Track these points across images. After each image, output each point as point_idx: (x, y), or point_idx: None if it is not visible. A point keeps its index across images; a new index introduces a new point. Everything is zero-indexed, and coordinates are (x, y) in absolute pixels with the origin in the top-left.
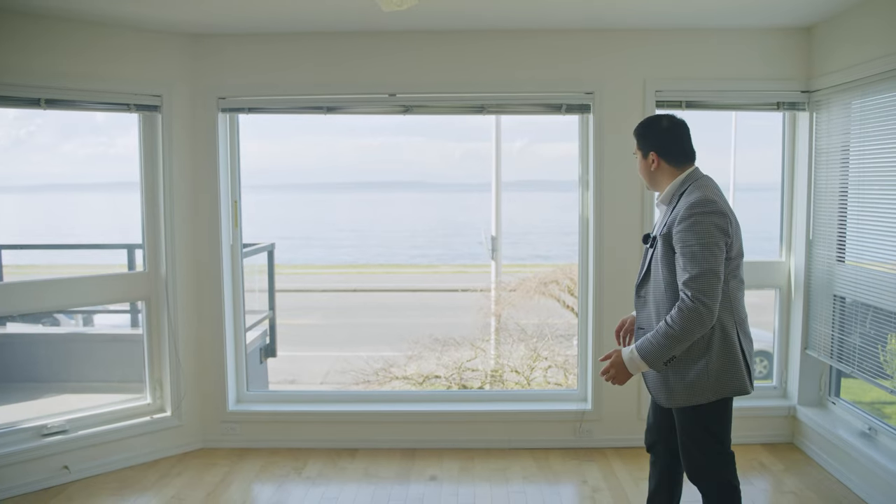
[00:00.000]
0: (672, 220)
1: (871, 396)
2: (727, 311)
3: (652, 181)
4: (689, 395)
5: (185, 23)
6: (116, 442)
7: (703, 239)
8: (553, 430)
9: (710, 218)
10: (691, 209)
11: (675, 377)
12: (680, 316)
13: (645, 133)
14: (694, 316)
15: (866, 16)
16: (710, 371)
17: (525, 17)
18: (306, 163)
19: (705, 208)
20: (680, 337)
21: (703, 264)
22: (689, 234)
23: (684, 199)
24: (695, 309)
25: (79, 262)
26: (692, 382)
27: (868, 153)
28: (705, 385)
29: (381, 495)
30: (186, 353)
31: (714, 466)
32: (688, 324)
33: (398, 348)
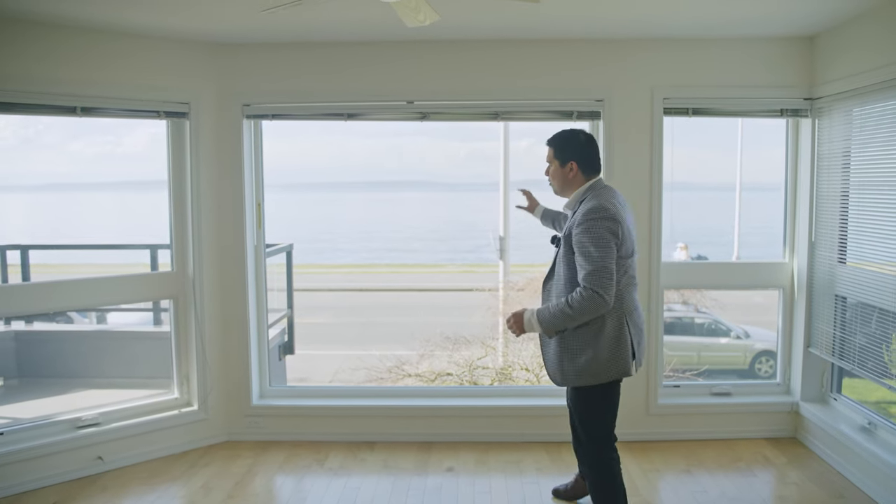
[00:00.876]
0: (572, 225)
1: (877, 396)
2: (617, 304)
3: (563, 187)
4: (578, 377)
5: (212, 33)
6: (147, 434)
7: (596, 241)
8: (565, 424)
9: (602, 223)
10: (587, 215)
11: (567, 362)
12: (578, 301)
13: (565, 145)
14: (589, 303)
15: (867, 26)
16: (598, 358)
17: (538, 27)
18: (314, 163)
19: (598, 214)
20: (573, 317)
21: (598, 262)
22: (585, 236)
23: (583, 206)
24: (591, 298)
25: (87, 262)
26: (582, 367)
27: (868, 159)
28: (594, 370)
29: (401, 486)
30: (212, 350)
31: (596, 443)
32: (583, 308)
33: (409, 347)
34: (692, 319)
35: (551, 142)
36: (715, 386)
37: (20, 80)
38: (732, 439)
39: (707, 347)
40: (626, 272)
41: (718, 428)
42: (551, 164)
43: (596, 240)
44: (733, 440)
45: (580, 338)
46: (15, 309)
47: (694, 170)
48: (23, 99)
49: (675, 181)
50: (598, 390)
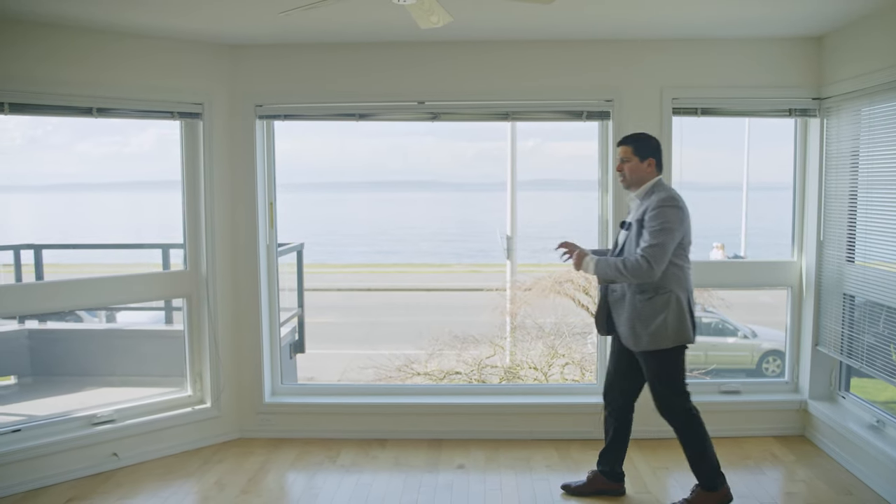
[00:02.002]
0: (645, 209)
1: (886, 395)
2: (680, 284)
3: (637, 180)
4: (651, 341)
5: (225, 34)
6: (160, 431)
7: (665, 224)
8: (573, 422)
9: (673, 211)
10: (663, 202)
11: (641, 328)
12: (633, 264)
13: (644, 144)
14: (640, 269)
15: (874, 27)
16: (666, 326)
17: (548, 28)
18: (322, 163)
19: (672, 203)
20: (623, 275)
21: (659, 239)
22: (657, 219)
23: (655, 196)
24: (644, 265)
25: (97, 262)
26: (653, 332)
27: (876, 158)
28: (662, 335)
29: (413, 482)
30: (224, 348)
31: (677, 398)
32: (633, 271)
33: (417, 345)
34: (699, 319)
35: (629, 141)
36: (724, 384)
37: (34, 81)
38: (741, 437)
39: (714, 347)
40: (686, 258)
41: (727, 426)
42: (629, 161)
43: (665, 223)
44: (742, 438)
45: (651, 307)
46: (29, 308)
47: (702, 170)
48: (36, 100)
49: (686, 181)
50: (667, 353)
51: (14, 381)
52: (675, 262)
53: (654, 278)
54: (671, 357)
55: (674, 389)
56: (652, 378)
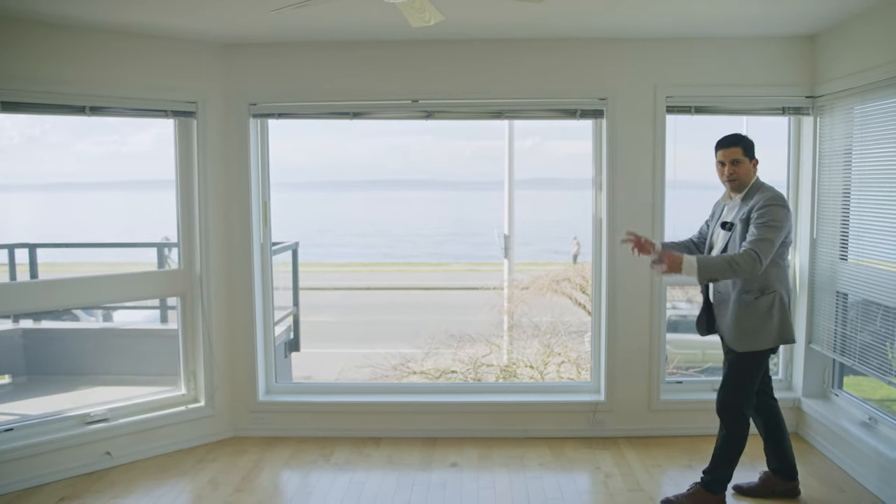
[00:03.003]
0: (751, 208)
1: (881, 394)
2: (782, 283)
3: (746, 181)
4: (754, 341)
5: (219, 33)
6: (154, 430)
7: (773, 221)
8: (568, 420)
9: (782, 210)
10: (772, 200)
11: (749, 327)
12: (742, 258)
13: (750, 143)
14: (750, 263)
15: (867, 25)
16: (772, 325)
17: (541, 27)
18: (319, 162)
19: (780, 202)
20: (734, 270)
21: (767, 234)
22: (767, 216)
23: (759, 195)
24: (752, 259)
25: (93, 261)
26: (759, 333)
27: (869, 156)
28: (769, 335)
29: (406, 480)
30: (218, 347)
31: (742, 403)
32: (743, 265)
33: (414, 344)
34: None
35: (738, 142)
36: (717, 382)
37: (28, 80)
38: None
39: (711, 345)
40: (786, 257)
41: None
42: (740, 163)
43: (774, 220)
44: None
45: (758, 308)
46: (24, 306)
47: (698, 168)
48: (30, 98)
49: (679, 179)
50: (760, 355)
51: (8, 381)
52: (777, 261)
53: (758, 273)
54: (760, 360)
55: (746, 393)
56: (729, 378)
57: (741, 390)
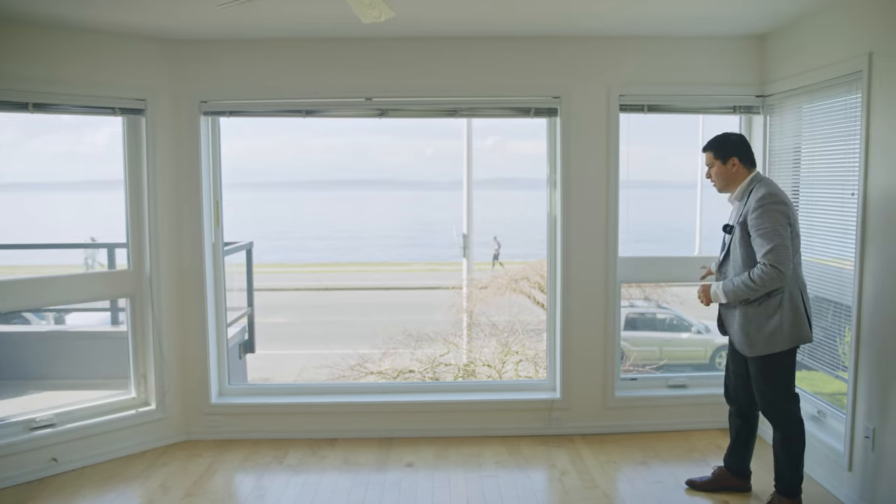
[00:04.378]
0: (746, 211)
1: (832, 388)
2: (793, 279)
3: (727, 183)
4: (766, 345)
5: (168, 29)
6: (103, 435)
7: (772, 222)
8: (524, 418)
9: (775, 206)
10: (761, 200)
11: (754, 333)
12: (759, 275)
13: (721, 146)
14: (769, 277)
15: (814, 26)
16: (783, 326)
17: (496, 25)
18: (277, 161)
19: (771, 199)
20: (755, 289)
21: (776, 240)
22: (761, 219)
23: (753, 194)
24: (770, 272)
25: (44, 262)
26: (768, 337)
27: (817, 154)
28: (778, 338)
29: (361, 481)
30: (170, 349)
31: (785, 403)
32: (763, 282)
33: (372, 345)
34: (654, 315)
35: (708, 147)
36: (671, 378)
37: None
38: (688, 430)
39: (668, 342)
40: (797, 250)
41: (675, 419)
42: (713, 166)
43: (772, 221)
44: (689, 431)
45: (764, 310)
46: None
47: (657, 168)
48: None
49: (640, 179)
50: (780, 356)
51: None
52: None
53: (785, 280)
54: (783, 359)
55: (785, 394)
56: (762, 382)
57: (778, 390)
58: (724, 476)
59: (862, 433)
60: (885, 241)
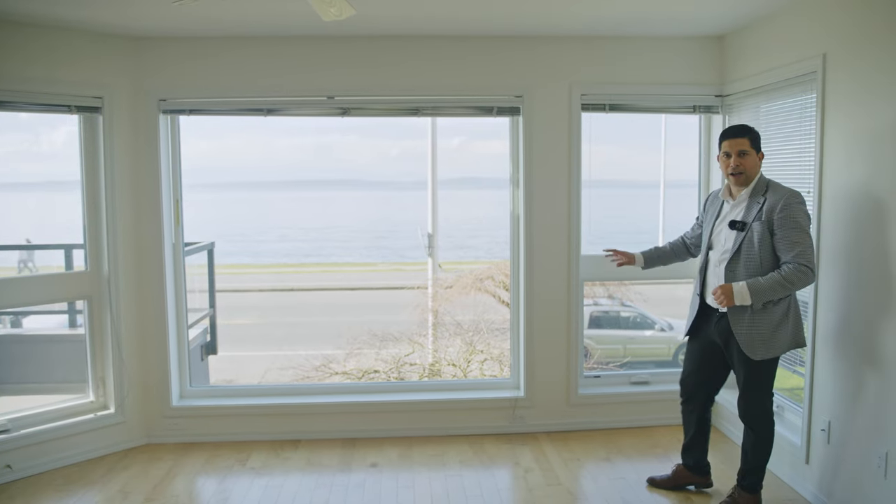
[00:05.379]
0: (771, 209)
1: (791, 383)
2: None
3: (752, 174)
4: (769, 349)
5: (127, 26)
6: (60, 440)
7: (802, 222)
8: (488, 417)
9: (802, 207)
10: (792, 198)
11: (767, 334)
12: (794, 273)
13: (757, 135)
14: (803, 276)
15: (771, 27)
16: (787, 331)
17: (457, 24)
18: (241, 161)
19: (800, 199)
20: (787, 287)
21: (807, 239)
22: (793, 220)
23: (773, 193)
24: (805, 272)
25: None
26: (775, 339)
27: (774, 153)
28: (783, 341)
29: (324, 482)
30: (129, 351)
31: (769, 407)
32: (797, 281)
33: (337, 345)
34: (618, 313)
35: (745, 132)
36: (634, 375)
37: None
38: (651, 426)
39: (632, 340)
40: None
41: (637, 416)
42: (748, 153)
43: (802, 221)
44: (651, 427)
45: (775, 314)
46: None
47: (620, 168)
48: None
49: (603, 179)
50: (775, 359)
51: None
52: None
53: (812, 282)
54: (776, 362)
55: (768, 394)
56: (751, 383)
57: (764, 393)
58: (684, 474)
59: (819, 427)
60: (837, 238)
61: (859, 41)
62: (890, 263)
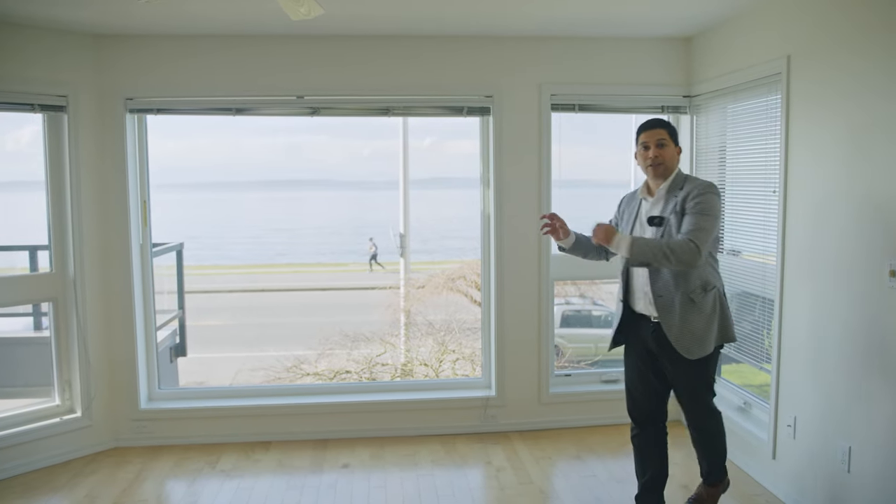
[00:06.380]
0: (684, 198)
1: (760, 379)
2: (719, 279)
3: (671, 166)
4: (703, 347)
5: (91, 23)
6: (24, 445)
7: (711, 210)
8: (460, 416)
9: (717, 199)
10: (704, 188)
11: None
12: (679, 246)
13: (674, 128)
14: (688, 252)
15: (738, 29)
16: (716, 324)
17: (427, 24)
18: (210, 161)
19: (713, 191)
20: (667, 256)
21: (706, 224)
22: (703, 204)
23: (690, 184)
24: (691, 248)
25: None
26: (708, 335)
27: (740, 153)
28: (713, 338)
29: (296, 484)
30: (96, 354)
31: (712, 399)
32: (681, 254)
33: (308, 346)
34: (590, 312)
35: (664, 124)
36: (605, 374)
37: None
38: (621, 424)
39: (604, 339)
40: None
41: (608, 414)
42: (667, 145)
43: (711, 209)
44: (622, 425)
45: (703, 310)
46: None
47: (590, 168)
48: None
49: (574, 179)
50: (712, 356)
51: None
52: (713, 255)
53: (695, 265)
54: (714, 357)
55: (710, 391)
56: (693, 384)
57: (707, 391)
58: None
59: (785, 423)
60: (803, 237)
61: (822, 43)
62: (854, 262)
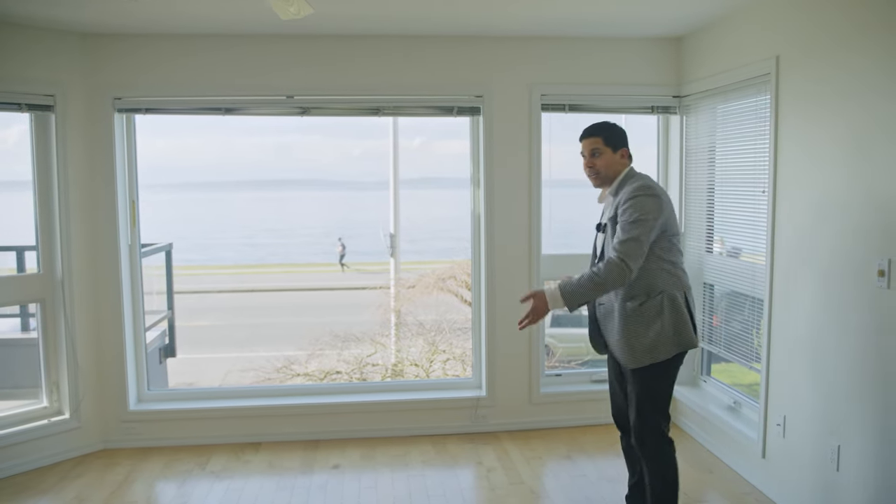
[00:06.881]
0: (617, 204)
1: (749, 379)
2: (673, 282)
3: (610, 174)
4: (649, 354)
5: (79, 22)
6: (11, 447)
7: (639, 215)
8: (450, 416)
9: (646, 200)
10: (634, 192)
11: (636, 341)
12: (606, 269)
13: (614, 133)
14: (616, 271)
15: (727, 29)
16: (665, 333)
17: (417, 24)
18: (200, 161)
19: (643, 192)
20: (602, 285)
21: (633, 232)
22: (630, 211)
23: (627, 187)
24: (618, 266)
25: None
26: (650, 345)
27: (730, 153)
28: (662, 346)
29: (286, 485)
30: (84, 355)
31: (661, 422)
32: (609, 276)
33: (299, 346)
34: (580, 312)
35: (595, 131)
36: (595, 373)
37: None
38: (612, 424)
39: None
40: (679, 250)
41: (598, 414)
42: (602, 153)
43: (638, 214)
44: (612, 425)
45: (644, 316)
46: None
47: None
48: None
49: (565, 179)
50: (664, 366)
51: None
52: (664, 258)
53: (631, 277)
54: (668, 369)
55: (662, 410)
56: (641, 396)
57: (657, 407)
58: None
59: (774, 422)
60: (792, 237)
61: (811, 43)
62: (843, 261)
